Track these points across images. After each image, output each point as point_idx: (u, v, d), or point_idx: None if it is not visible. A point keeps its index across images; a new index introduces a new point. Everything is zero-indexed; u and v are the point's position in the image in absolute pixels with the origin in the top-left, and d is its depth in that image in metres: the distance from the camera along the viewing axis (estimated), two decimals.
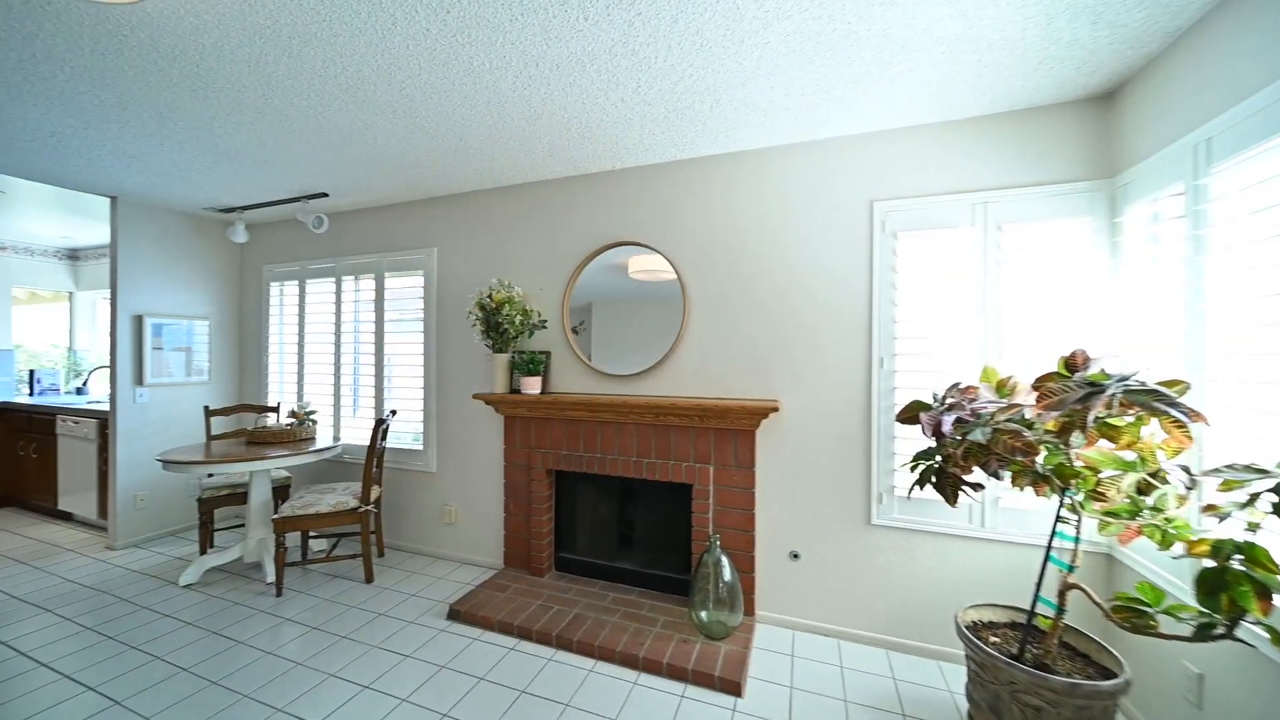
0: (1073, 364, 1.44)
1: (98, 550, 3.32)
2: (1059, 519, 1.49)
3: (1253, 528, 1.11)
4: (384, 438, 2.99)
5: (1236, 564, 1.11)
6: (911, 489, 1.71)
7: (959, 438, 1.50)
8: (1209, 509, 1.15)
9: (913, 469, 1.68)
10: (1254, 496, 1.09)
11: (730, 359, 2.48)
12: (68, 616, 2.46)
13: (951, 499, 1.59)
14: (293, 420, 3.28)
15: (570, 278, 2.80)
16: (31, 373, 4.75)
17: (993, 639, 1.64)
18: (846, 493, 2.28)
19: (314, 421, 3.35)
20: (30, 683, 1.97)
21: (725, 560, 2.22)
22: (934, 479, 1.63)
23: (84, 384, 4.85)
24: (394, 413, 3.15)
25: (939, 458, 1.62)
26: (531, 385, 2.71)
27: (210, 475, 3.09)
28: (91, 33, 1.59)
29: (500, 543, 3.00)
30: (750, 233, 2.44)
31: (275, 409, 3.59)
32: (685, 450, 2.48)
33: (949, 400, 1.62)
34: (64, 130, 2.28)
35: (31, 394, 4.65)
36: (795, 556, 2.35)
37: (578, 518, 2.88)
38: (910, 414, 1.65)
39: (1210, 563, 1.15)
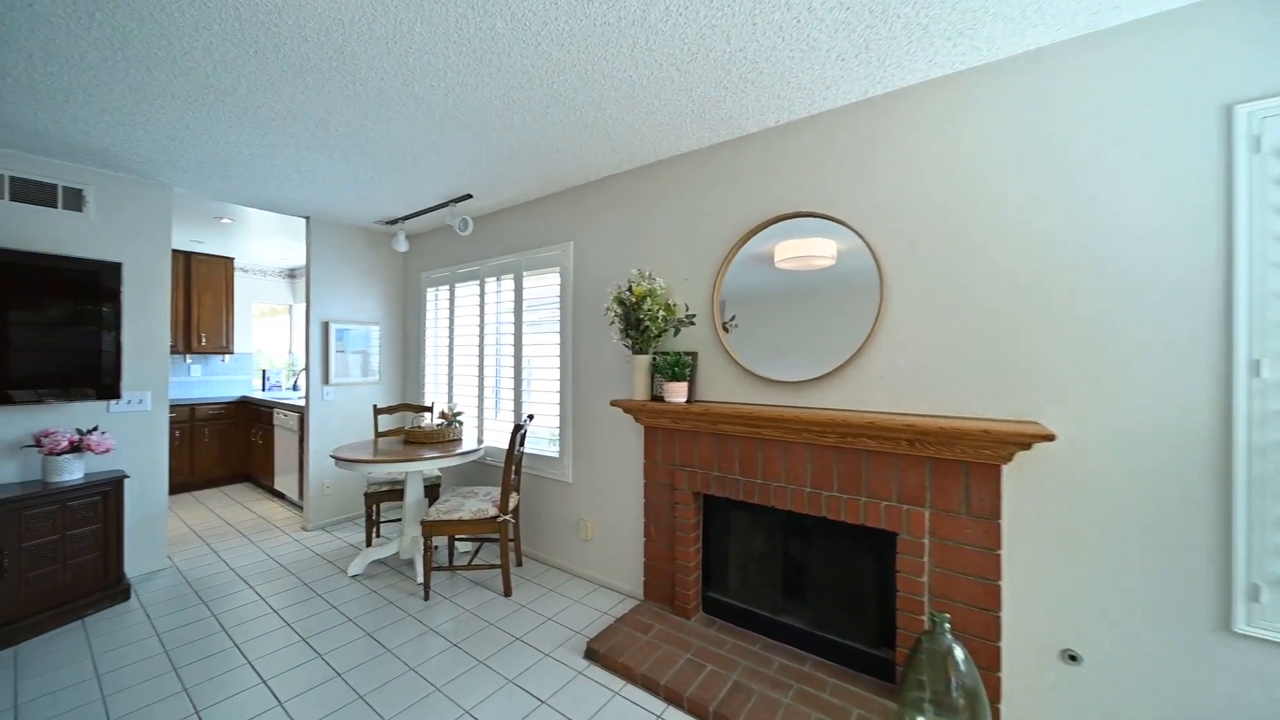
0: None
1: (295, 529, 3.76)
2: None
3: None
4: (521, 444, 2.84)
5: None
6: None
7: None
8: None
9: None
10: None
11: (952, 362, 1.77)
12: (263, 595, 2.71)
13: None
14: (442, 421, 3.35)
15: (721, 264, 2.34)
16: (264, 372, 5.79)
17: None
18: (1176, 574, 1.44)
19: (460, 423, 3.38)
20: (222, 664, 2.11)
21: (960, 652, 1.54)
22: None
23: (295, 383, 5.76)
24: (531, 418, 3.00)
25: None
26: (676, 391, 2.30)
27: (372, 472, 3.27)
28: (248, 25, 1.57)
29: (639, 569, 2.65)
30: (986, 185, 1.72)
31: (430, 409, 3.75)
32: (884, 485, 1.84)
33: None
34: (259, 151, 2.49)
35: (263, 390, 5.65)
36: (1074, 659, 1.57)
37: (730, 552, 2.39)
38: None
39: None
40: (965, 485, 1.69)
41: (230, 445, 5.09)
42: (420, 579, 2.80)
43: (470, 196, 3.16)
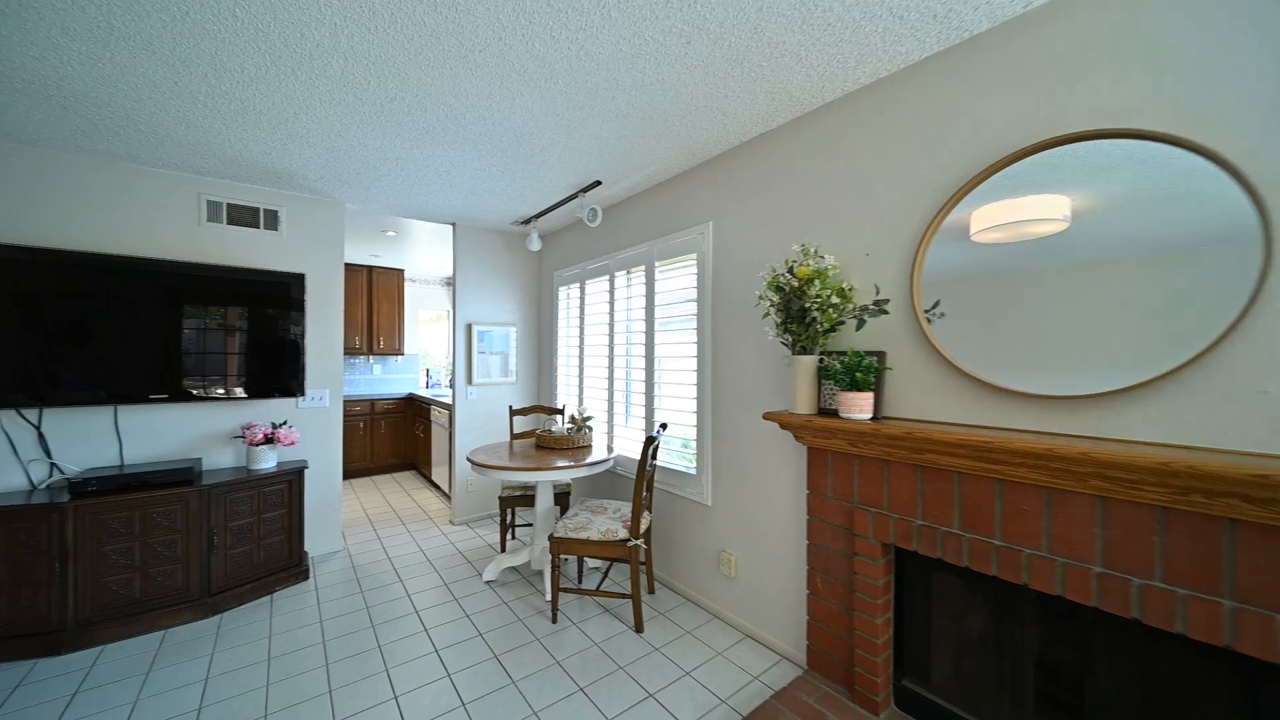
0: None
1: (444, 522, 3.95)
2: None
3: None
4: (653, 457, 2.48)
5: None
6: None
7: None
8: None
9: None
10: None
11: None
12: (409, 591, 2.77)
13: None
14: (571, 426, 3.16)
15: (926, 230, 1.67)
16: (427, 371, 6.43)
17: None
18: None
19: (589, 428, 3.16)
20: (364, 667, 2.10)
21: None
22: None
23: (450, 381, 6.28)
24: (664, 427, 2.63)
25: None
26: (854, 404, 1.70)
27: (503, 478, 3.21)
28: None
29: (800, 628, 2.09)
30: None
31: (561, 411, 3.62)
32: (1273, 584, 1.04)
33: None
34: (401, 153, 2.50)
35: (427, 388, 6.26)
36: None
37: (937, 631, 1.71)
38: None
39: None
40: None
41: (401, 437, 5.70)
42: (549, 596, 2.61)
43: (598, 184, 2.90)
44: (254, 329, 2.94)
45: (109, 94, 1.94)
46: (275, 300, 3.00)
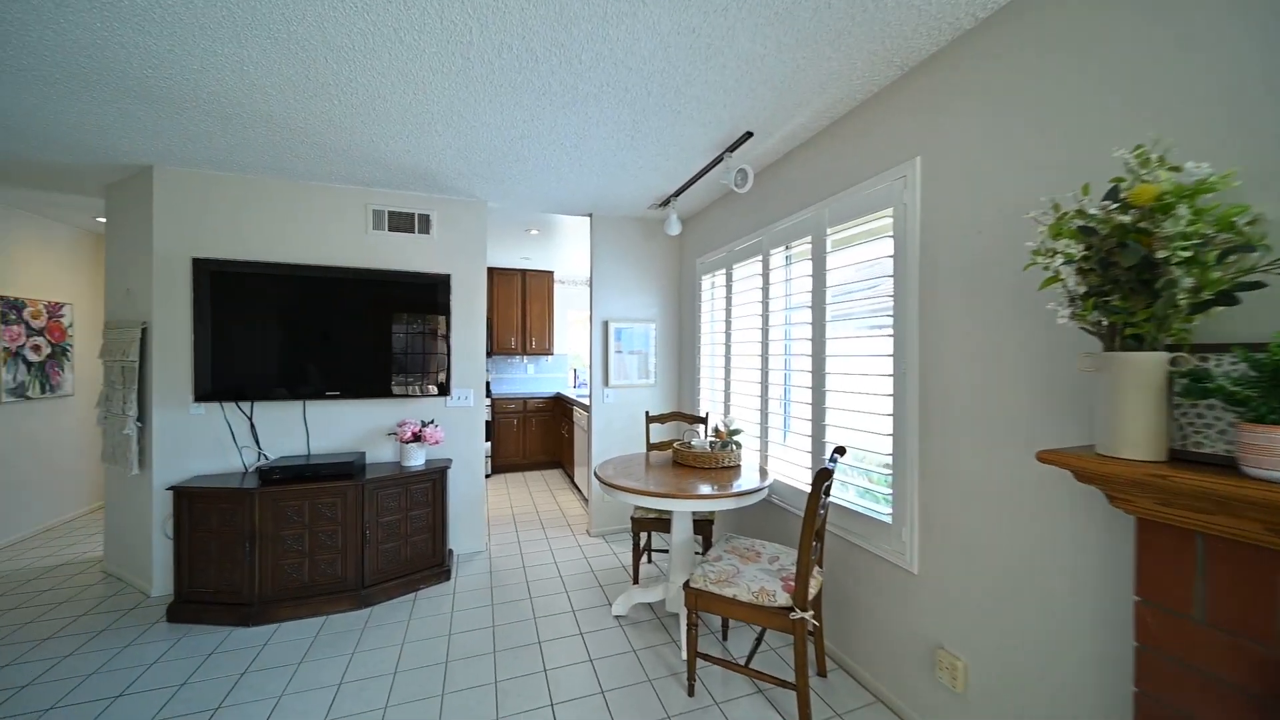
0: None
1: (580, 531, 3.74)
2: None
3: None
4: (826, 494, 1.79)
5: None
6: None
7: None
8: None
9: None
10: None
11: None
12: (536, 613, 2.53)
13: None
14: (714, 439, 2.61)
15: None
16: (574, 371, 6.50)
17: None
18: None
19: (738, 444, 2.57)
20: (477, 707, 1.86)
21: None
22: None
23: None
24: (840, 453, 1.91)
25: None
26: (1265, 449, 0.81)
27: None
28: None
29: None
30: None
31: (704, 420, 3.09)
32: None
33: None
34: (524, 130, 2.25)
35: (574, 387, 6.32)
36: None
37: None
38: None
39: None
40: None
41: (549, 435, 5.81)
42: (684, 655, 2.10)
43: (749, 136, 2.28)
44: (408, 330, 3.04)
45: (265, 104, 2.01)
46: (426, 302, 3.06)
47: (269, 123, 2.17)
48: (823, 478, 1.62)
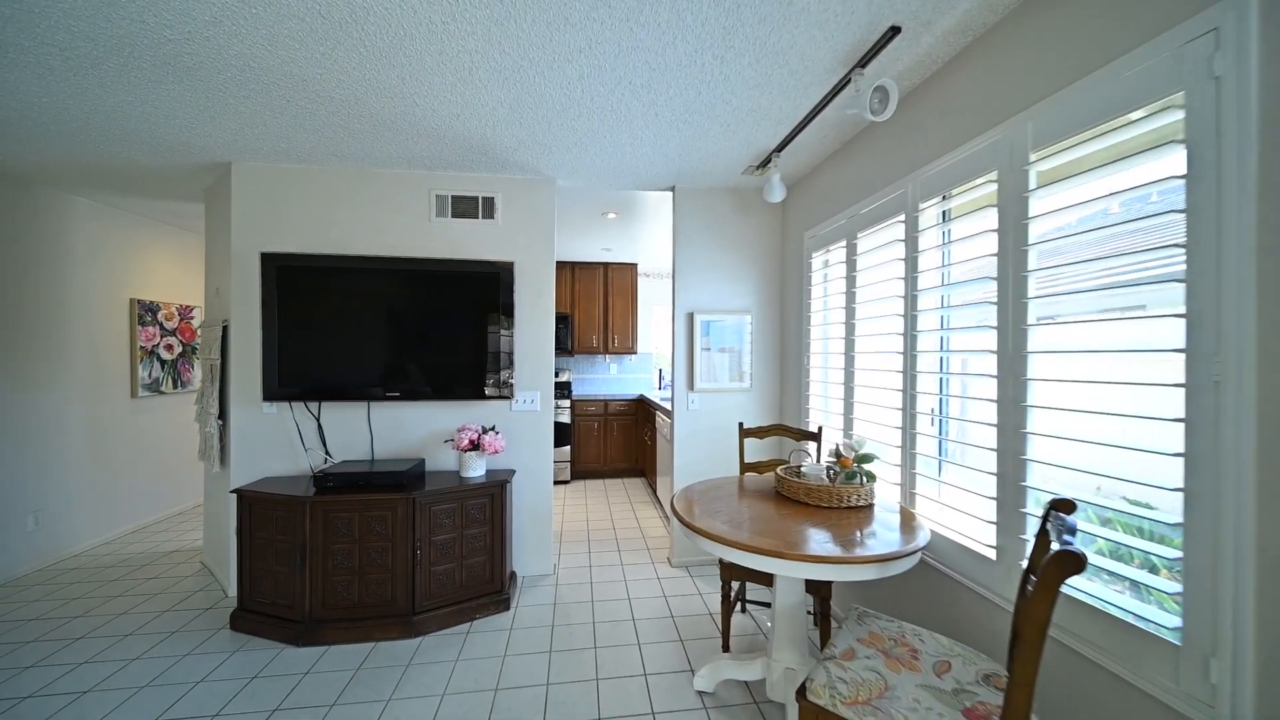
0: None
1: (660, 559, 3.21)
2: None
3: None
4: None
5: None
6: None
7: None
8: None
9: None
10: None
11: None
12: (600, 674, 2.04)
13: None
14: (833, 464, 1.93)
15: None
16: (659, 371, 6.00)
17: None
18: None
19: (870, 475, 1.87)
20: None
21: None
22: None
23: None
24: (1068, 510, 1.15)
25: None
26: None
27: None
28: None
29: None
30: None
31: (815, 436, 2.40)
32: None
33: None
34: (583, 69, 1.77)
35: (659, 388, 5.82)
36: None
37: None
38: None
39: None
40: None
41: (631, 440, 5.37)
42: None
43: (894, 33, 1.58)
44: (468, 325, 2.74)
45: (302, 68, 1.75)
46: (488, 293, 2.74)
47: (306, 88, 1.92)
48: (1065, 569, 0.90)
